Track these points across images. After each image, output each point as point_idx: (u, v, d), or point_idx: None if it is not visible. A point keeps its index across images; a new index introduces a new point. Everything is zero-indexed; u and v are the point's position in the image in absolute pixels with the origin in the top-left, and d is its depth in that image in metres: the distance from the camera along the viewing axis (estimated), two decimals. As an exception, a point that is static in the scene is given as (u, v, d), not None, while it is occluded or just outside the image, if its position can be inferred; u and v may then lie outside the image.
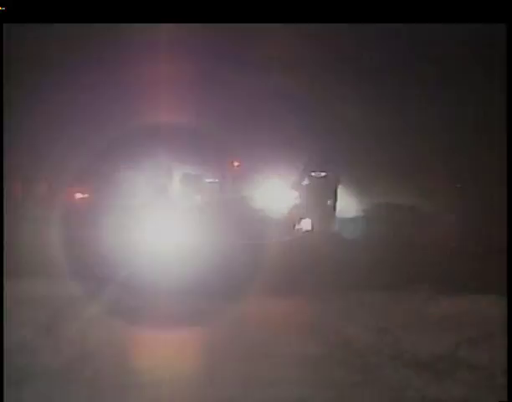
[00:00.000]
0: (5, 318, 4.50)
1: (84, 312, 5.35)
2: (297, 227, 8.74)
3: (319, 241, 7.10)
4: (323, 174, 9.48)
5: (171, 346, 4.56)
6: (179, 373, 4.09)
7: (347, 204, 9.41)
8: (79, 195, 9.27)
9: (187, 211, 7.89)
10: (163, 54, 9.63)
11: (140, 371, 4.10)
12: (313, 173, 9.52)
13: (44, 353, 4.37)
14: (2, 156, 5.86)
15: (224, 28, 7.67)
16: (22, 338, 4.57)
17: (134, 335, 4.80)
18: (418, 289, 5.98)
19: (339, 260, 6.80)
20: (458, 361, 4.26)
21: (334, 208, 9.32)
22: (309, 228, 8.81)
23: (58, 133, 9.76)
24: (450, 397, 3.73)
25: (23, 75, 9.21)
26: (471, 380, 3.93)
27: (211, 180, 10.18)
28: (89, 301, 5.64)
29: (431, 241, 7.69)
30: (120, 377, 3.99)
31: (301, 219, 8.83)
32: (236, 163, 10.46)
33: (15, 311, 5.01)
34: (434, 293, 5.84)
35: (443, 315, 5.27)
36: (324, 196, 9.31)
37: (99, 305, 5.57)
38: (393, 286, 6.06)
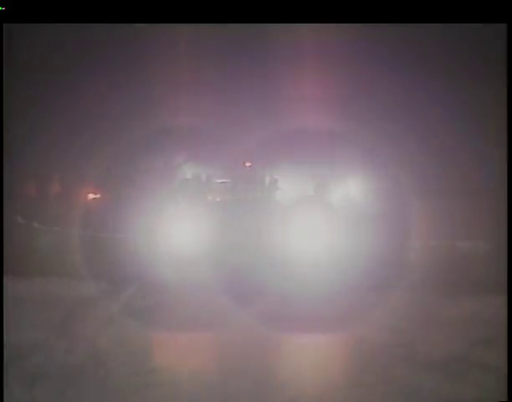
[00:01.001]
0: (5, 318, 4.50)
1: (98, 312, 5.36)
2: None
3: (331, 242, 7.08)
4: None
5: (185, 346, 4.56)
6: (192, 373, 4.09)
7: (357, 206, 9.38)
8: (91, 195, 9.27)
9: (198, 211, 7.89)
10: (173, 54, 9.58)
11: (153, 371, 4.10)
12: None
13: (58, 353, 4.37)
14: (3, 155, 5.85)
15: (239, 28, 7.62)
16: (35, 338, 4.57)
17: (148, 335, 4.80)
18: (432, 289, 5.97)
19: (352, 261, 6.78)
20: (472, 362, 4.24)
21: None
22: None
23: (60, 133, 9.75)
24: (463, 398, 3.72)
25: (23, 75, 9.20)
26: (485, 381, 3.92)
27: (222, 180, 10.11)
28: (103, 302, 5.65)
29: (445, 241, 7.66)
30: (133, 377, 3.99)
31: None
32: (248, 164, 10.38)
33: (29, 311, 5.02)
34: (448, 293, 5.83)
35: (458, 315, 5.26)
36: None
37: (113, 305, 5.58)
38: (407, 286, 6.05)
